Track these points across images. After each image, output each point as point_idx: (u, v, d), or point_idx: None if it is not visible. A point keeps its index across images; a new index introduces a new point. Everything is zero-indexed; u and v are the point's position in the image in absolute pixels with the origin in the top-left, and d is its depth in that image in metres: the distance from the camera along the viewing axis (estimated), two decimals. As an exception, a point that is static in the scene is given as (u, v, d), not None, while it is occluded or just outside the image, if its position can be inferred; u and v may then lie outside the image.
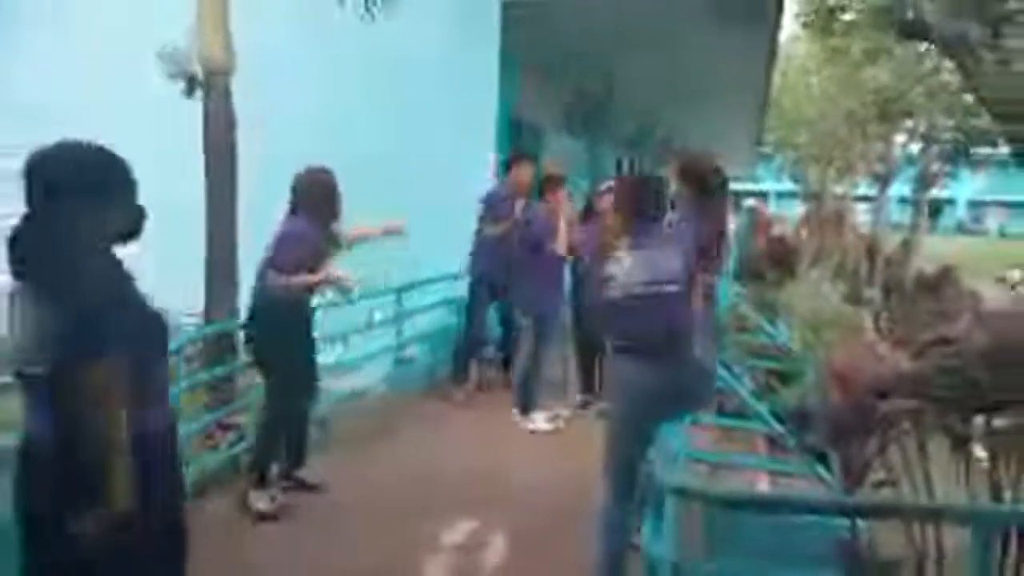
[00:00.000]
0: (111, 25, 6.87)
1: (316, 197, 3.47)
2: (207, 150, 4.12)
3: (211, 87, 4.13)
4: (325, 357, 4.55)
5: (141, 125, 6.68)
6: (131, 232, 1.81)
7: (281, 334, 3.44)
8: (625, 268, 2.77)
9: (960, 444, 2.29)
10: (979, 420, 2.30)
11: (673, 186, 2.90)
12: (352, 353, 4.93)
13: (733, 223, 8.80)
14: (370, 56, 6.11)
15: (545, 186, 5.21)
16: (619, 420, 2.85)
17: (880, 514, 2.28)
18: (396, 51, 6.03)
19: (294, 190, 3.49)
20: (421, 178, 6.35)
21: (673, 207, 3.02)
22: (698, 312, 2.75)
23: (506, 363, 5.73)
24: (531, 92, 7.22)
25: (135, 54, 5.55)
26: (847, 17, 12.41)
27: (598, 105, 9.41)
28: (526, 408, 4.96)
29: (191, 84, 4.37)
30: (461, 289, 6.15)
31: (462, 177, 6.14)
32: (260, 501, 3.45)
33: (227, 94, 4.16)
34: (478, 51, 6.27)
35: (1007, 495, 2.29)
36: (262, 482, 3.49)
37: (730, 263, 7.08)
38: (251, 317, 3.55)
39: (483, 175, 6.33)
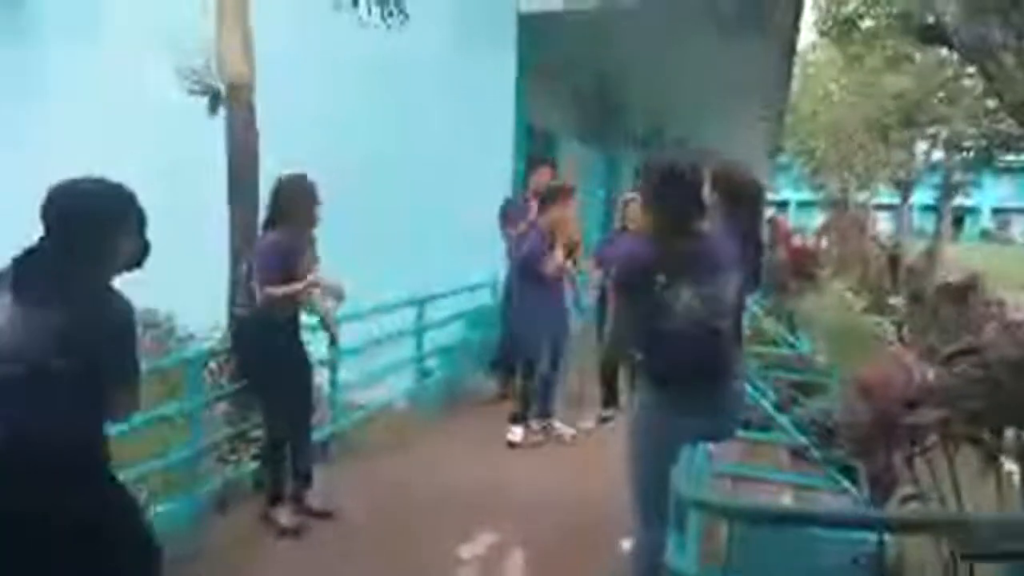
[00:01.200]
0: (128, 35, 7.02)
1: (298, 204, 3.34)
2: (231, 164, 4.15)
3: (234, 101, 4.16)
4: (346, 372, 4.58)
5: (165, 137, 6.84)
6: (136, 263, 1.96)
7: (273, 356, 3.35)
8: (682, 297, 2.35)
9: (990, 457, 2.24)
10: (1010, 433, 2.25)
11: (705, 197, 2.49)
12: (371, 367, 4.92)
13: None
14: (381, 64, 6.18)
15: (555, 197, 4.76)
16: (648, 453, 2.54)
17: (908, 529, 2.23)
18: (408, 59, 6.09)
19: (275, 199, 3.35)
20: (434, 186, 6.41)
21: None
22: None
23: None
24: (546, 100, 7.23)
25: (153, 66, 5.69)
26: (866, 24, 12.31)
27: (612, 112, 9.40)
28: (514, 418, 4.83)
29: (215, 100, 4.42)
30: (478, 300, 6.16)
31: (478, 186, 6.16)
32: (282, 516, 3.46)
33: (250, 107, 4.18)
34: (494, 60, 6.30)
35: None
36: (279, 499, 3.50)
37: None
38: (237, 342, 3.48)
39: (499, 183, 6.34)
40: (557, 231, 4.65)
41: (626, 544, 2.91)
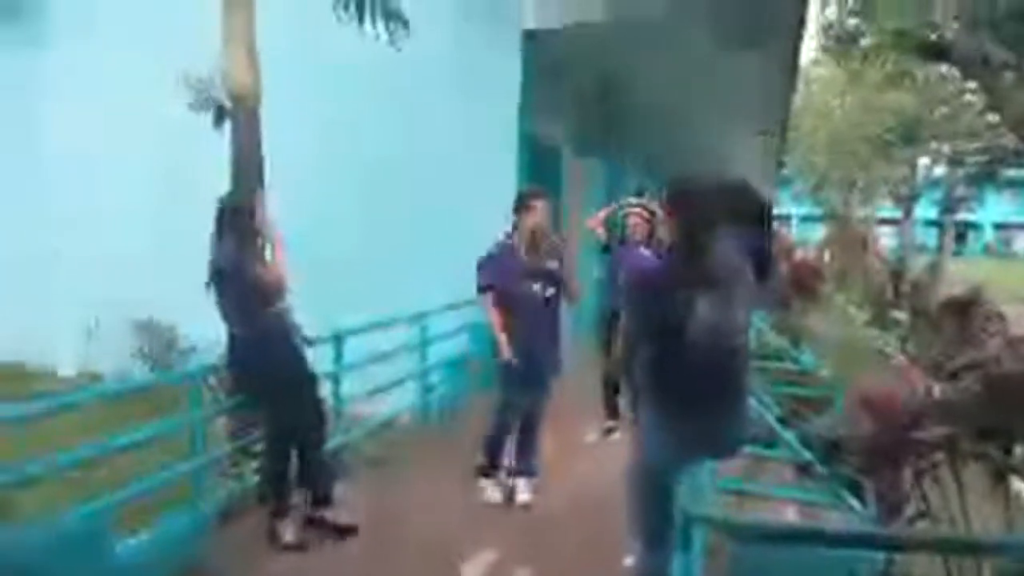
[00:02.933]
0: (135, 47, 7.05)
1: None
2: (235, 174, 4.14)
3: (239, 113, 4.14)
4: (348, 386, 4.55)
5: (167, 146, 6.86)
6: None
7: (277, 368, 3.38)
8: (701, 313, 2.24)
9: (998, 475, 2.22)
10: (1018, 451, 2.23)
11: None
12: (374, 382, 4.89)
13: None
14: (385, 70, 6.19)
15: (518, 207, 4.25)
16: (656, 473, 2.46)
17: (914, 549, 2.21)
18: (413, 67, 6.09)
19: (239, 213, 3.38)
20: (438, 195, 6.42)
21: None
22: None
23: None
24: (549, 110, 7.25)
25: (158, 76, 5.70)
26: (867, 41, 12.37)
27: (613, 125, 9.41)
28: (482, 470, 4.19)
29: (219, 113, 4.41)
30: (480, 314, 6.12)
31: (481, 201, 6.15)
32: (286, 531, 3.44)
33: (255, 118, 4.16)
34: (498, 70, 6.33)
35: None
36: (283, 514, 3.48)
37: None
38: (237, 357, 3.44)
39: (502, 196, 6.32)
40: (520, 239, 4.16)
41: (629, 561, 2.89)
